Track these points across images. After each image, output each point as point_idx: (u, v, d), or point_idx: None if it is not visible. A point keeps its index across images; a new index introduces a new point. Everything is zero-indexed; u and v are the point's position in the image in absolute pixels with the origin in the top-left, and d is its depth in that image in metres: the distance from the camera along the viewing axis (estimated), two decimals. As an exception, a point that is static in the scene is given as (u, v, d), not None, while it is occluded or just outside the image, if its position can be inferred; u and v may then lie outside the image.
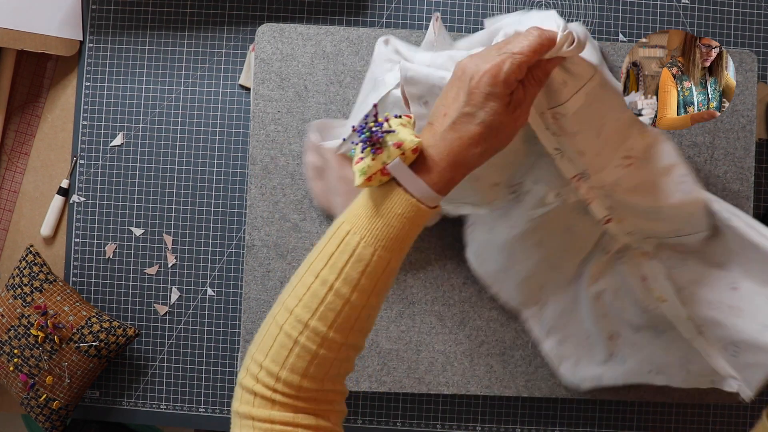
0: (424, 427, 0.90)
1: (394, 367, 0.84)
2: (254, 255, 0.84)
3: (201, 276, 0.91)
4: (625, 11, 0.91)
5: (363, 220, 0.50)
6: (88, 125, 0.92)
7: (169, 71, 0.92)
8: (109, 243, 0.91)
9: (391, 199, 0.49)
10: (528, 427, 0.90)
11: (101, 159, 0.92)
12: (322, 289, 0.49)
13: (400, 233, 0.50)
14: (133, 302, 0.91)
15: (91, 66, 0.92)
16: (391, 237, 0.49)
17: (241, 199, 0.91)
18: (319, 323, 0.49)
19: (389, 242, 0.49)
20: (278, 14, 0.92)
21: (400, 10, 0.92)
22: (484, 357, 0.84)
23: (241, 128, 0.91)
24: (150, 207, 0.91)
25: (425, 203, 0.50)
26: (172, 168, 0.91)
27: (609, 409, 0.89)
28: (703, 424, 0.90)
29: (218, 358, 0.91)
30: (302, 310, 0.49)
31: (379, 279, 0.50)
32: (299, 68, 0.84)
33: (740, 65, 0.83)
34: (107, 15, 0.92)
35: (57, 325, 0.83)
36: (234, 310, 0.91)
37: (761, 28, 0.91)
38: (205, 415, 0.91)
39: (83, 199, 0.92)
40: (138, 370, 0.91)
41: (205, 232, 0.91)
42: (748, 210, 0.84)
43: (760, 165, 0.91)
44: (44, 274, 0.87)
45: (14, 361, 0.84)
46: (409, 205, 0.49)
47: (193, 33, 0.92)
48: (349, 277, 0.49)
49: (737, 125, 0.84)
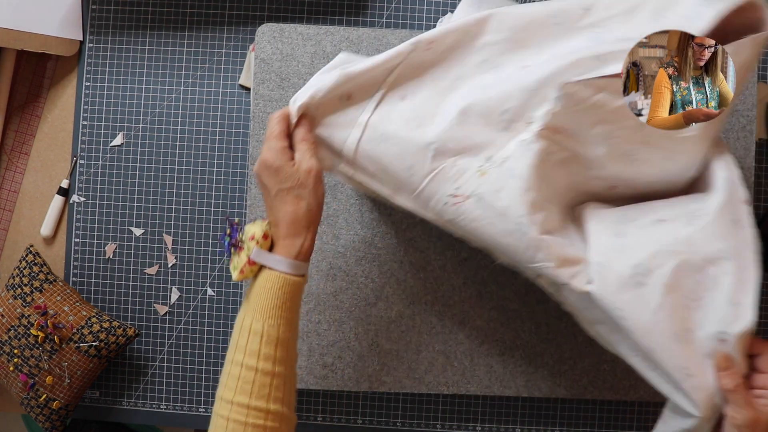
0: (424, 427, 0.90)
1: (394, 367, 0.84)
2: (254, 255, 0.84)
3: (201, 276, 0.91)
4: (625, 11, 0.91)
5: (250, 304, 0.60)
6: (88, 125, 0.92)
7: (169, 71, 0.92)
8: (109, 243, 0.91)
9: (262, 278, 0.61)
10: (528, 427, 0.90)
11: (101, 159, 0.92)
12: (250, 373, 0.57)
13: (278, 303, 0.60)
14: (133, 302, 0.91)
15: (91, 66, 0.92)
16: (272, 307, 0.59)
17: (241, 199, 0.91)
18: (259, 401, 0.57)
19: (272, 311, 0.59)
20: (278, 14, 0.92)
21: (400, 10, 0.92)
22: (484, 357, 0.84)
23: (241, 128, 0.91)
24: (150, 207, 0.91)
25: (291, 272, 0.61)
26: (172, 168, 0.91)
27: (609, 409, 0.89)
28: (703, 424, 0.90)
29: (218, 358, 0.91)
30: (241, 396, 0.57)
31: (276, 347, 0.59)
32: (299, 68, 0.84)
33: (740, 65, 0.83)
34: (107, 15, 0.92)
35: (57, 325, 0.83)
36: (234, 310, 0.91)
37: (761, 28, 0.91)
38: (205, 415, 0.91)
39: (83, 199, 0.92)
40: (138, 370, 0.91)
41: (205, 232, 0.91)
42: (748, 210, 0.84)
43: (760, 165, 0.91)
44: (44, 274, 0.87)
45: (14, 361, 0.84)
46: (276, 279, 0.60)
47: (193, 33, 0.92)
48: (267, 355, 0.58)
49: (737, 125, 0.84)
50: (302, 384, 0.84)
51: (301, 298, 0.63)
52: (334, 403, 0.90)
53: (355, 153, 0.67)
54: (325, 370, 0.84)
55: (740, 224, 0.63)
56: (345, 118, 0.67)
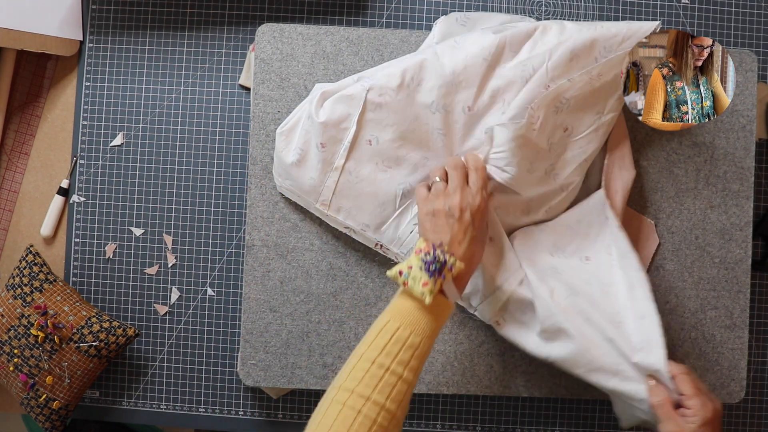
0: (424, 427, 0.90)
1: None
2: (254, 255, 0.84)
3: (201, 276, 0.91)
4: (625, 11, 0.91)
5: (404, 316, 0.65)
6: (88, 125, 0.92)
7: (169, 71, 0.92)
8: (109, 243, 0.91)
9: (437, 303, 0.66)
10: (528, 427, 0.90)
11: (101, 159, 0.92)
12: (380, 371, 0.61)
13: (433, 325, 0.66)
14: (133, 302, 0.91)
15: (91, 66, 0.92)
16: (426, 323, 0.65)
17: (241, 199, 0.91)
18: (379, 396, 0.60)
19: (424, 328, 0.65)
20: (278, 14, 0.92)
21: (400, 10, 0.92)
22: (484, 357, 0.84)
23: (241, 128, 0.91)
24: (150, 207, 0.91)
25: (452, 301, 0.68)
26: (172, 168, 0.91)
27: (609, 410, 0.89)
28: (703, 424, 0.90)
29: (218, 358, 0.91)
30: (364, 388, 0.60)
31: (413, 355, 0.63)
32: (299, 68, 0.84)
33: (740, 65, 0.83)
34: (107, 15, 0.92)
35: (57, 325, 0.83)
36: (234, 310, 0.91)
37: (761, 28, 0.91)
38: (205, 415, 0.91)
39: (83, 199, 0.92)
40: (138, 370, 0.91)
41: (205, 232, 0.91)
42: (748, 210, 0.84)
43: (760, 165, 0.91)
44: (44, 274, 0.87)
45: (14, 361, 0.84)
46: (444, 305, 0.67)
47: (193, 33, 0.92)
48: (403, 360, 0.62)
49: (737, 125, 0.84)
50: (302, 384, 0.84)
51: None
52: (334, 403, 0.90)
53: (333, 194, 0.79)
54: (325, 370, 0.84)
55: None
56: (321, 163, 0.79)
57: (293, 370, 0.84)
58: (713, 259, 0.84)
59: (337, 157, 0.78)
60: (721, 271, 0.84)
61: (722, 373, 0.84)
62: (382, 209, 0.79)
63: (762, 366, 0.91)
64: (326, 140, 0.78)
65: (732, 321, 0.84)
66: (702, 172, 0.84)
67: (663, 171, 0.84)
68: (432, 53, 0.76)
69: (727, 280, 0.84)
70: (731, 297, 0.84)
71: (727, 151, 0.84)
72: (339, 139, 0.78)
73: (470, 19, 0.81)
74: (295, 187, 0.81)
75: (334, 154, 0.78)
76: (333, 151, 0.78)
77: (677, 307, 0.84)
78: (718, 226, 0.84)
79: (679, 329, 0.84)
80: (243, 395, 0.91)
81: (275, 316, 0.84)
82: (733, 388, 0.84)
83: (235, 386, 0.91)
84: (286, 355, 0.84)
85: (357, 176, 0.78)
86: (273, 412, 0.91)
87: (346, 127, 0.77)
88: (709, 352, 0.84)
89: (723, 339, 0.84)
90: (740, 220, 0.84)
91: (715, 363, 0.84)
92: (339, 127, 0.77)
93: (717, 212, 0.84)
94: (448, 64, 0.75)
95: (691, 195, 0.84)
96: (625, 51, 0.73)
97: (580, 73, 0.73)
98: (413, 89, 0.76)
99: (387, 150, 0.78)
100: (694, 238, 0.84)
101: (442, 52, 0.76)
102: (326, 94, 0.78)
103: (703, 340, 0.84)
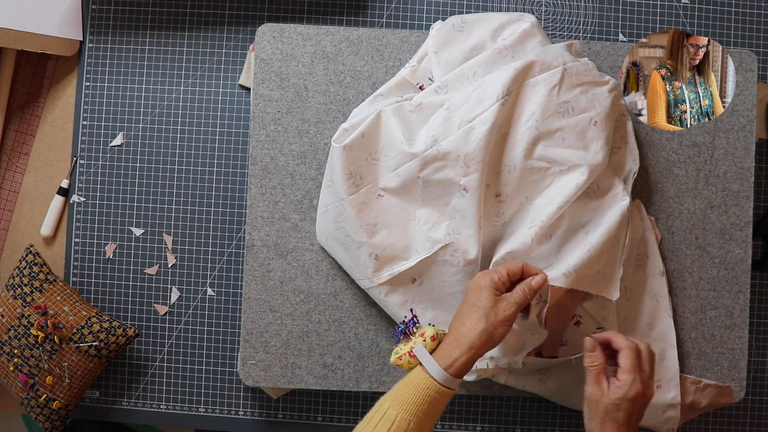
0: (424, 427, 0.90)
1: (394, 367, 0.84)
2: (254, 255, 0.84)
3: (201, 276, 0.91)
4: (625, 11, 0.91)
5: (395, 391, 0.65)
6: (88, 125, 0.92)
7: (169, 71, 0.92)
8: (109, 243, 0.91)
9: (414, 372, 0.65)
10: (528, 427, 0.90)
11: (101, 159, 0.92)
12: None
13: (417, 401, 0.63)
14: (133, 302, 0.91)
15: (91, 66, 0.92)
16: (412, 403, 0.63)
17: (241, 199, 0.91)
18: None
19: (409, 406, 0.63)
20: (278, 14, 0.92)
21: (400, 10, 0.92)
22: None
23: (241, 128, 0.91)
24: (150, 207, 0.91)
25: (439, 380, 0.64)
26: (172, 168, 0.91)
27: (609, 409, 0.89)
28: (703, 424, 0.90)
29: (218, 358, 0.91)
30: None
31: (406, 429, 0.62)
32: (299, 68, 0.84)
33: (740, 65, 0.83)
34: (107, 15, 0.92)
35: (57, 325, 0.83)
36: (234, 310, 0.91)
37: (761, 28, 0.91)
38: (205, 415, 0.91)
39: (83, 199, 0.92)
40: (138, 370, 0.91)
41: (205, 232, 0.91)
42: (748, 210, 0.84)
43: (760, 165, 0.91)
44: (44, 274, 0.87)
45: (14, 361, 0.84)
46: (423, 378, 0.64)
47: (193, 33, 0.92)
48: (379, 431, 0.62)
49: (737, 125, 0.84)
50: (302, 384, 0.84)
51: (443, 408, 0.66)
52: (334, 403, 0.90)
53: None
54: (325, 370, 0.84)
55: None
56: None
57: (293, 370, 0.84)
58: (713, 259, 0.84)
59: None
60: (721, 271, 0.84)
61: (722, 373, 0.84)
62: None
63: (762, 366, 0.91)
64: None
65: (732, 321, 0.84)
66: (702, 172, 0.84)
67: (663, 171, 0.84)
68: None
69: (727, 280, 0.84)
70: (731, 297, 0.84)
71: (727, 151, 0.84)
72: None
73: (467, 23, 0.80)
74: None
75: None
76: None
77: (677, 307, 0.84)
78: (718, 226, 0.84)
79: (679, 329, 0.84)
80: (243, 395, 0.91)
81: (275, 316, 0.84)
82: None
83: (235, 386, 0.91)
84: (286, 355, 0.84)
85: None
86: (273, 412, 0.91)
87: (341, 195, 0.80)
88: (709, 352, 0.84)
89: (723, 339, 0.84)
90: (740, 220, 0.84)
91: (715, 363, 0.84)
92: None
93: (717, 212, 0.84)
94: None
95: (691, 195, 0.84)
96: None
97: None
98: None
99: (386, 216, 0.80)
100: (694, 238, 0.84)
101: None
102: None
103: (703, 340, 0.84)
